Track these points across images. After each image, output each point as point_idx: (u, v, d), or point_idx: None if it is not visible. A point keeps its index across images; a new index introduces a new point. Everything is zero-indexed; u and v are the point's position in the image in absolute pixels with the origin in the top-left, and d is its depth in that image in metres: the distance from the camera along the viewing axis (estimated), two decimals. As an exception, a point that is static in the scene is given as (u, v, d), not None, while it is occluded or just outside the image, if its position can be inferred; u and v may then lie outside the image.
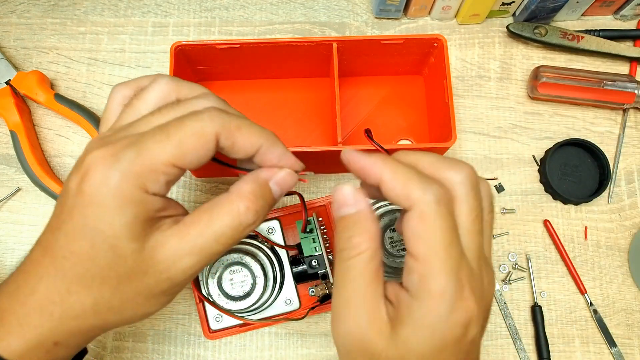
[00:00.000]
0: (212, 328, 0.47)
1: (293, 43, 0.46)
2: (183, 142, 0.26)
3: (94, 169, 0.25)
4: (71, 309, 0.27)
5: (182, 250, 0.26)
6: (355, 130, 0.54)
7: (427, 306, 0.25)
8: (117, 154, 0.25)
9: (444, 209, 0.25)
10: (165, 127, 0.26)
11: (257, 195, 0.28)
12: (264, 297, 0.45)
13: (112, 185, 0.25)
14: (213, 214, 0.27)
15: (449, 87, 0.46)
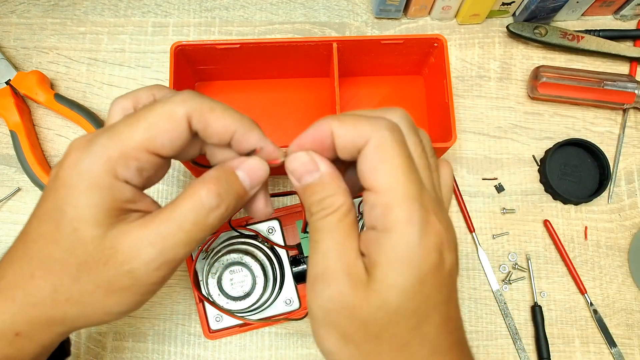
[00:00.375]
0: (212, 328, 0.47)
1: (293, 43, 0.46)
2: (153, 124, 0.25)
3: (69, 154, 0.26)
4: (31, 295, 0.27)
5: (145, 239, 0.26)
6: None
7: (396, 235, 0.23)
8: (92, 140, 0.26)
9: (397, 136, 0.24)
10: (136, 113, 0.26)
11: (220, 179, 0.27)
12: (264, 297, 0.45)
13: (82, 168, 0.25)
14: (176, 202, 0.26)
15: (449, 87, 0.46)
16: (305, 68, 0.52)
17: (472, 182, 0.54)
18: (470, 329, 0.51)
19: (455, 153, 0.54)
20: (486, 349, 0.51)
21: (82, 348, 0.50)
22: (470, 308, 0.51)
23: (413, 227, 0.23)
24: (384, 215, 0.24)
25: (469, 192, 0.54)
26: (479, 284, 0.52)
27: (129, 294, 0.27)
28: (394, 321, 0.24)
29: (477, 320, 0.51)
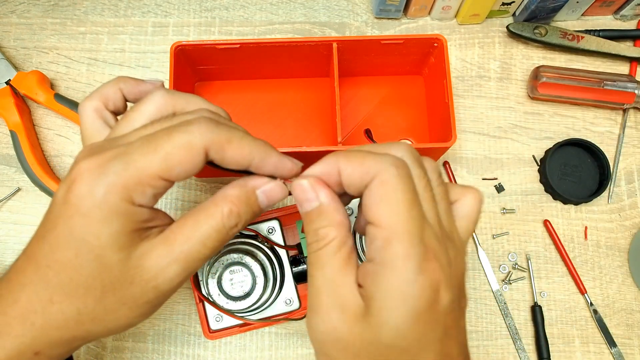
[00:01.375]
0: (212, 328, 0.47)
1: (293, 43, 0.46)
2: (170, 155, 0.25)
3: (80, 180, 0.25)
4: (53, 319, 0.27)
5: (169, 257, 0.26)
6: (355, 130, 0.54)
7: (393, 270, 0.24)
8: (104, 165, 0.25)
9: (402, 171, 0.25)
10: (152, 138, 0.26)
11: (242, 200, 0.27)
12: (264, 297, 0.45)
13: (97, 197, 0.25)
14: (198, 218, 0.27)
15: (449, 87, 0.46)
16: (305, 68, 0.53)
17: (472, 182, 0.54)
18: (470, 329, 0.51)
19: (455, 153, 0.54)
20: (486, 349, 0.51)
21: (83, 348, 0.50)
22: (470, 308, 0.51)
23: (409, 263, 0.24)
24: (383, 249, 0.24)
25: (469, 192, 0.53)
26: (479, 284, 0.52)
27: (151, 306, 0.28)
28: (385, 356, 0.24)
29: (477, 320, 0.51)
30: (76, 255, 0.25)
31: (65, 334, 0.27)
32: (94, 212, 0.25)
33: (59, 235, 0.26)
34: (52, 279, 0.26)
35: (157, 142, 0.25)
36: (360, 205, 0.28)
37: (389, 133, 0.54)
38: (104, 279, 0.26)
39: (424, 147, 0.45)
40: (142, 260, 0.26)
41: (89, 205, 0.25)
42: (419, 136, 0.54)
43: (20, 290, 0.27)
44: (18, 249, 0.52)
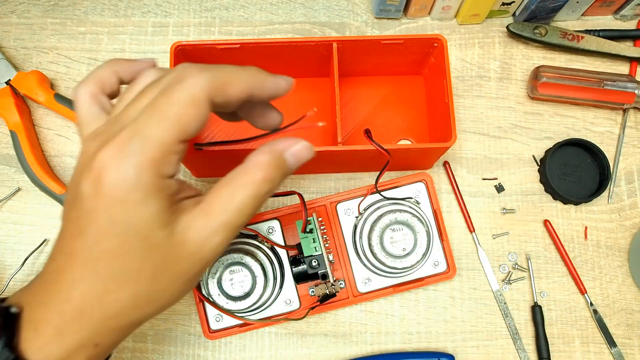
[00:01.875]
0: (212, 328, 0.47)
1: (293, 43, 0.46)
2: (181, 116, 0.25)
3: (107, 169, 0.25)
4: (111, 309, 0.27)
5: (211, 228, 0.27)
6: (356, 130, 0.54)
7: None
8: (124, 149, 0.25)
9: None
10: (156, 107, 0.26)
11: (272, 165, 0.28)
12: (264, 297, 0.45)
13: (131, 180, 0.25)
14: (233, 187, 0.28)
15: (449, 87, 0.46)
16: (305, 68, 0.53)
17: (472, 182, 0.54)
18: (470, 329, 0.51)
19: (455, 153, 0.54)
20: (486, 349, 0.51)
21: (82, 348, 0.50)
22: (470, 308, 0.52)
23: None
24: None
25: (469, 192, 0.54)
26: (479, 284, 0.52)
27: (199, 276, 0.29)
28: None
29: (477, 320, 0.51)
30: (123, 241, 0.26)
31: (123, 321, 0.27)
32: (132, 196, 0.25)
33: (101, 227, 0.25)
34: (102, 270, 0.26)
35: (161, 108, 0.25)
36: None
37: (389, 133, 0.54)
38: (154, 259, 0.26)
39: (424, 147, 0.45)
40: (185, 235, 0.27)
41: (125, 190, 0.25)
42: (419, 136, 0.54)
43: (72, 287, 0.26)
44: (18, 249, 0.52)
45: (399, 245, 0.46)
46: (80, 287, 0.26)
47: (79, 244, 0.26)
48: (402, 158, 0.47)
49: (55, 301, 0.27)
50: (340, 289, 0.49)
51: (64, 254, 0.27)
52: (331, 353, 0.51)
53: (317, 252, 0.44)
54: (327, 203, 0.50)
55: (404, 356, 0.49)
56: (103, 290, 0.26)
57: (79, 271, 0.26)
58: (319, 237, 0.44)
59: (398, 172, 0.53)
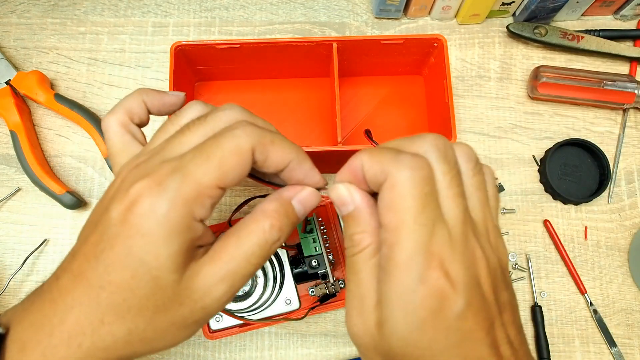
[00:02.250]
0: (212, 328, 0.47)
1: (293, 43, 0.46)
2: (223, 162, 0.25)
3: (142, 199, 0.24)
4: (101, 340, 0.26)
5: (216, 276, 0.26)
6: (355, 130, 0.54)
7: (394, 277, 0.23)
8: (163, 183, 0.25)
9: (417, 173, 0.24)
10: (203, 148, 0.26)
11: (281, 213, 0.28)
12: (264, 297, 0.45)
13: (160, 214, 0.24)
14: (240, 235, 0.27)
15: (449, 87, 0.46)
16: (306, 68, 0.53)
17: (472, 182, 0.54)
18: (470, 329, 0.51)
19: (455, 153, 0.54)
20: (486, 349, 0.51)
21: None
22: (470, 308, 0.51)
23: (410, 272, 0.23)
24: (388, 255, 0.24)
25: (469, 192, 0.54)
26: (479, 284, 0.52)
27: (198, 325, 0.28)
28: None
29: (477, 320, 0.51)
30: (133, 276, 0.25)
31: (111, 355, 0.27)
32: (156, 231, 0.24)
33: (116, 256, 0.25)
34: (104, 300, 0.25)
35: (208, 150, 0.25)
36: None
37: (388, 133, 0.54)
38: (157, 300, 0.26)
39: None
40: (191, 281, 0.26)
41: (151, 224, 0.24)
42: None
43: (68, 311, 0.26)
44: (18, 249, 0.52)
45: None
46: (77, 312, 0.26)
47: (90, 268, 0.26)
48: None
49: (49, 322, 0.26)
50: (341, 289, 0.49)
51: (72, 275, 0.26)
52: (331, 353, 0.51)
53: (317, 252, 0.44)
54: (327, 203, 0.50)
55: (404, 356, 0.49)
56: (99, 321, 0.26)
57: (80, 297, 0.26)
58: (319, 237, 0.44)
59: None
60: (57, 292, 0.26)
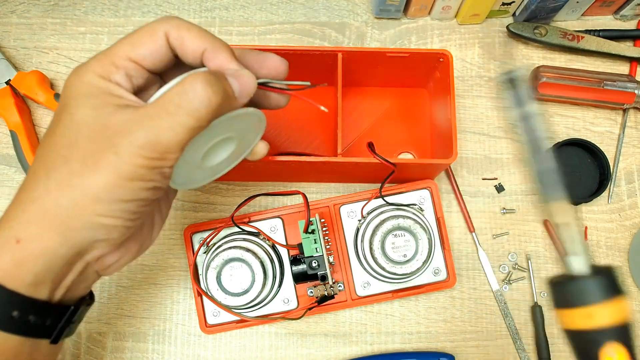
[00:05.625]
0: (209, 322, 0.48)
1: (298, 51, 0.46)
2: (136, 39, 0.30)
3: (70, 75, 0.30)
4: (30, 190, 0.29)
5: (132, 120, 0.29)
6: (357, 141, 0.55)
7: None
8: (89, 60, 0.30)
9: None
10: (127, 35, 0.31)
11: (209, 73, 0.29)
12: (262, 294, 0.45)
13: (81, 78, 0.30)
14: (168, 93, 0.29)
15: (453, 104, 0.46)
16: (309, 76, 0.52)
17: (472, 182, 0.54)
18: (470, 329, 0.52)
19: (455, 153, 0.55)
20: (486, 349, 0.51)
21: (83, 348, 0.51)
22: (470, 308, 0.52)
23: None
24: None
25: (469, 192, 0.54)
26: (479, 284, 0.52)
27: (112, 176, 0.28)
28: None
29: (477, 320, 0.52)
30: (63, 126, 0.29)
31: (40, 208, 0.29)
32: (78, 90, 0.29)
33: (54, 122, 0.30)
34: (41, 157, 0.30)
35: (129, 34, 0.31)
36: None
37: (390, 145, 0.54)
38: (70, 138, 0.29)
39: (425, 163, 0.45)
40: (107, 119, 0.29)
41: (75, 87, 0.30)
42: (421, 150, 0.54)
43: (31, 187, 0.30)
44: (18, 248, 0.52)
45: (400, 251, 0.46)
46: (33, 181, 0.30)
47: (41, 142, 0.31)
48: (401, 171, 0.47)
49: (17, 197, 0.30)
50: (339, 291, 0.49)
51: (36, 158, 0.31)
52: (331, 353, 0.51)
53: (318, 253, 0.45)
54: (330, 205, 0.50)
55: (404, 356, 0.50)
56: (33, 175, 0.30)
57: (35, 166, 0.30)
58: (321, 238, 0.45)
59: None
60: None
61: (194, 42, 0.30)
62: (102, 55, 0.30)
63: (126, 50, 0.30)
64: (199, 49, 0.31)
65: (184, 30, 0.30)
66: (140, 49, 0.30)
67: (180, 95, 0.28)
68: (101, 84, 0.29)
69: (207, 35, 0.31)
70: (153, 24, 0.31)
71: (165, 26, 0.30)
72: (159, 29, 0.30)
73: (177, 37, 0.30)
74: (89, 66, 0.30)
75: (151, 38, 0.30)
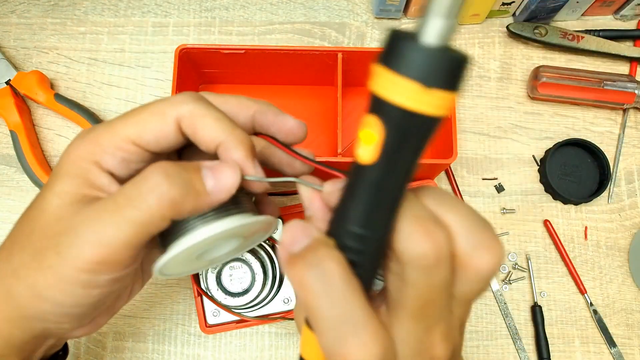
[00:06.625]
0: (209, 322, 0.48)
1: (298, 51, 0.47)
2: (143, 120, 0.27)
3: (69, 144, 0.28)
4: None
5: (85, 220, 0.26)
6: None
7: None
8: (91, 129, 0.27)
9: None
10: (137, 109, 0.28)
11: (177, 165, 0.26)
12: (262, 294, 0.46)
13: (71, 154, 0.27)
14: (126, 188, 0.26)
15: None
16: (309, 76, 0.53)
17: (472, 182, 0.54)
18: (470, 329, 0.52)
19: (455, 153, 0.55)
20: (486, 349, 0.51)
21: (82, 348, 0.51)
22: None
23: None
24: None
25: (469, 192, 0.54)
26: (478, 284, 0.52)
27: (53, 278, 0.26)
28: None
29: (477, 320, 0.52)
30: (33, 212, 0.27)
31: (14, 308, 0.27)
32: (62, 168, 0.27)
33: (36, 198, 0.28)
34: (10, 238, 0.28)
35: (137, 110, 0.27)
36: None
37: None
38: (36, 234, 0.27)
39: (424, 163, 0.45)
40: (68, 221, 0.26)
41: (63, 162, 0.27)
42: None
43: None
44: (18, 248, 0.52)
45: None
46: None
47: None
48: None
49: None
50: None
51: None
52: (331, 353, 0.51)
53: (318, 252, 0.44)
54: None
55: (404, 356, 0.50)
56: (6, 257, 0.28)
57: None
58: (320, 238, 0.44)
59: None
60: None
61: (208, 134, 0.26)
62: (102, 132, 0.27)
63: (129, 132, 0.26)
64: (213, 143, 0.27)
65: (197, 118, 0.26)
66: (146, 134, 0.26)
67: (132, 186, 0.25)
68: (83, 169, 0.26)
69: (224, 125, 0.27)
70: (164, 106, 0.27)
71: (178, 111, 0.26)
72: (170, 114, 0.26)
73: (189, 125, 0.26)
74: (86, 140, 0.27)
75: (160, 123, 0.26)
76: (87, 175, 0.26)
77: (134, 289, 0.33)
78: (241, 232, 0.29)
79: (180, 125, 0.27)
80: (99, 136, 0.27)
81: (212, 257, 0.31)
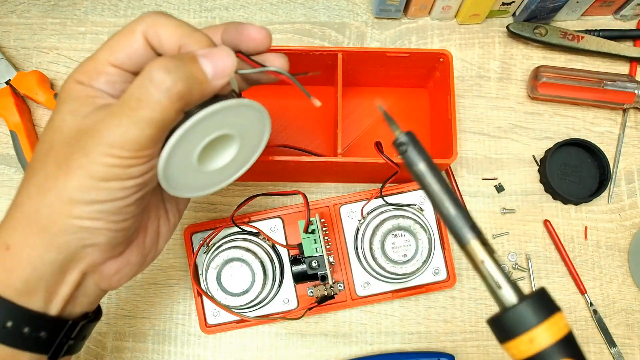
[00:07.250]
0: (209, 322, 0.48)
1: (298, 51, 0.47)
2: (114, 42, 0.29)
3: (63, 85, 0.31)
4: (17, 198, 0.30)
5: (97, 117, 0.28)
6: (357, 141, 0.55)
7: None
8: (76, 68, 0.30)
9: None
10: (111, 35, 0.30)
11: (175, 58, 0.27)
12: (262, 294, 0.46)
13: (65, 87, 0.30)
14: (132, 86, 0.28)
15: (453, 104, 0.46)
16: (309, 76, 0.53)
17: (472, 182, 0.54)
18: (470, 329, 0.52)
19: (455, 153, 0.55)
20: (486, 349, 0.51)
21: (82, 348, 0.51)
22: (470, 308, 0.52)
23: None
24: None
25: (469, 192, 0.54)
26: (479, 284, 0.53)
27: (84, 177, 0.28)
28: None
29: (477, 320, 0.52)
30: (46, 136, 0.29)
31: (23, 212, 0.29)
32: (61, 98, 0.30)
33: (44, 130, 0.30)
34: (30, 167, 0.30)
35: (112, 36, 0.30)
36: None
37: (390, 146, 0.54)
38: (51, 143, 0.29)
39: None
40: (83, 123, 0.28)
41: (61, 96, 0.30)
42: None
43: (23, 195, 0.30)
44: (18, 248, 0.52)
45: (400, 251, 0.47)
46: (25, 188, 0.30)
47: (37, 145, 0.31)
48: (402, 171, 0.47)
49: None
50: (339, 291, 0.49)
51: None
52: (331, 353, 0.51)
53: (318, 253, 0.45)
54: (330, 205, 0.50)
55: (404, 356, 0.50)
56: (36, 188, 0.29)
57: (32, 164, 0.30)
58: (321, 239, 0.45)
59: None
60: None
61: (170, 39, 0.29)
62: (85, 62, 0.30)
63: (105, 55, 0.29)
64: (175, 46, 0.29)
65: (159, 27, 0.29)
66: (119, 53, 0.29)
67: (139, 88, 0.27)
68: (80, 90, 0.29)
69: (183, 28, 0.29)
70: (131, 24, 0.29)
71: (142, 25, 0.29)
72: (136, 29, 0.29)
73: (154, 35, 0.29)
74: (73, 74, 0.30)
75: (128, 40, 0.29)
76: (85, 93, 0.29)
77: (161, 232, 0.35)
78: (233, 123, 0.31)
79: (147, 39, 0.29)
80: (84, 65, 0.30)
81: (216, 168, 0.33)
